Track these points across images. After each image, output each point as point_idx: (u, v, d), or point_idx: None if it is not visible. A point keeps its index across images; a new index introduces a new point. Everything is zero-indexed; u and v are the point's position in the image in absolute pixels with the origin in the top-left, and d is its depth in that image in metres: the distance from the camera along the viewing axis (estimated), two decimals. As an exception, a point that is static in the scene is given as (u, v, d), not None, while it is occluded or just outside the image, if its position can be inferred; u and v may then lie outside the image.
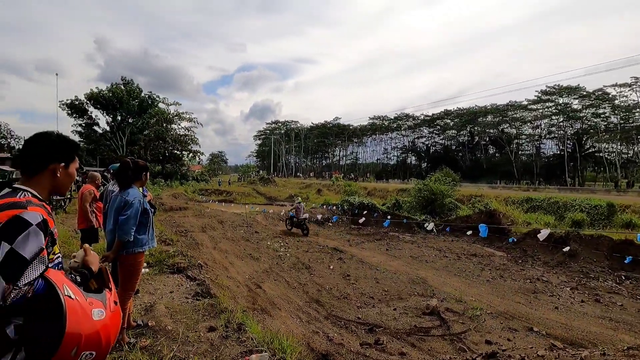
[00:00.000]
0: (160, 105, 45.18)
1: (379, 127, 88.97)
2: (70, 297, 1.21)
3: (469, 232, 12.20)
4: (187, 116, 45.97)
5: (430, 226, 13.32)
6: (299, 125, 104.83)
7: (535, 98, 56.59)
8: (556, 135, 58.84)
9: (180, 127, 45.63)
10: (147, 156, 38.86)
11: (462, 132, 75.19)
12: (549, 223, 13.07)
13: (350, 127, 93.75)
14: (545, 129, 60.89)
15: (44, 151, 1.38)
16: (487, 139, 71.09)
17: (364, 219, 15.65)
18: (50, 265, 1.30)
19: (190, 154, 47.16)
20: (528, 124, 62.76)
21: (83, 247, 1.53)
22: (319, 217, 17.04)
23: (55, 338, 1.16)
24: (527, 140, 65.17)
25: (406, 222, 15.06)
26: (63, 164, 1.42)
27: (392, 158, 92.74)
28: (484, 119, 68.20)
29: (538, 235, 9.40)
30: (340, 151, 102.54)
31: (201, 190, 36.14)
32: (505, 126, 65.72)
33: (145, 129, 42.34)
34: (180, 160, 45.49)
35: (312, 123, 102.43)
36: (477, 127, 70.62)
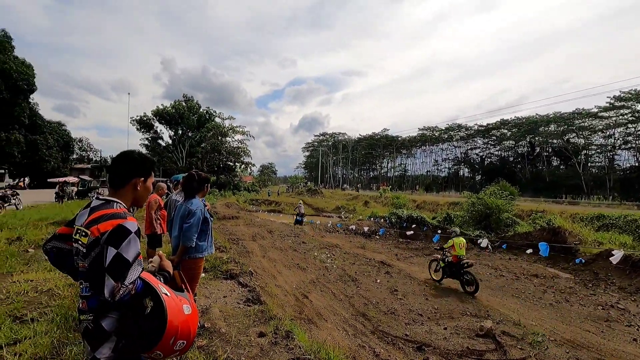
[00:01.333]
0: (217, 119, 48.22)
1: (428, 138, 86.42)
2: (167, 294, 1.42)
3: (529, 251, 11.30)
4: (240, 129, 48.38)
5: (484, 243, 12.55)
6: (346, 137, 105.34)
7: (607, 105, 51.36)
8: (634, 145, 52.70)
9: (233, 139, 48.15)
10: (204, 167, 41.49)
11: (520, 143, 70.28)
12: (625, 243, 11.67)
13: (399, 138, 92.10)
14: (620, 139, 54.81)
15: (127, 168, 1.61)
16: (550, 149, 65.60)
17: (412, 232, 15.20)
18: None
19: (243, 166, 49.40)
20: (599, 133, 56.91)
21: (158, 253, 1.78)
22: (366, 229, 16.87)
23: (159, 330, 1.35)
24: (598, 150, 59.03)
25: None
26: (142, 178, 1.64)
27: (443, 170, 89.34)
28: (546, 129, 63.11)
29: (611, 258, 8.45)
30: (388, 163, 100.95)
31: (252, 200, 37.60)
32: (572, 136, 60.21)
33: (202, 141, 45.36)
34: (234, 171, 47.86)
35: (359, 135, 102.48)
36: (538, 137, 65.51)
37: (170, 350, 1.40)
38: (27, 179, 36.57)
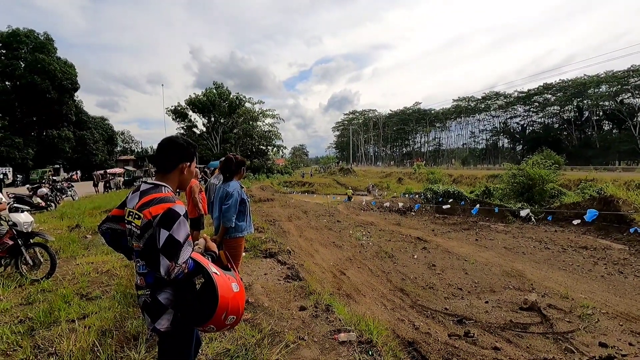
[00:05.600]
0: (247, 104, 48.85)
1: (464, 109, 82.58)
2: (216, 273, 1.53)
3: (576, 222, 10.66)
4: (270, 113, 48.88)
5: (524, 212, 11.96)
6: (377, 113, 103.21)
7: (670, 58, 45.97)
8: (701, 102, 47.21)
9: (264, 123, 48.81)
10: (238, 152, 42.53)
11: (566, 108, 65.17)
12: (689, 211, 10.68)
13: (432, 112, 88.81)
14: (685, 96, 49.27)
15: (174, 153, 1.67)
16: (601, 113, 60.31)
17: (448, 206, 14.82)
18: None
19: (275, 149, 50.15)
20: (659, 91, 51.38)
21: (202, 236, 1.88)
22: (400, 205, 16.68)
23: (212, 306, 1.45)
24: (658, 111, 53.42)
25: (498, 210, 13.81)
26: (188, 163, 1.71)
27: (480, 142, 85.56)
28: (596, 90, 57.88)
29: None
30: (421, 137, 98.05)
31: (285, 182, 38.25)
32: (626, 96, 54.86)
33: (234, 127, 46.38)
34: (266, 155, 48.74)
35: (390, 110, 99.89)
36: (586, 101, 60.39)
37: (222, 325, 1.51)
38: (79, 172, 39.52)
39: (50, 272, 4.71)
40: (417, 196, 19.01)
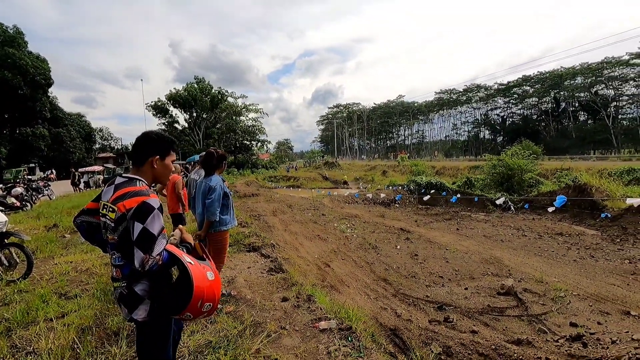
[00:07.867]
0: (229, 99, 48.02)
1: (446, 102, 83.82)
2: (191, 263, 1.55)
3: (551, 209, 11.07)
4: (254, 107, 48.24)
5: (500, 200, 12.34)
6: (360, 107, 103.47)
7: (640, 50, 47.77)
8: (670, 93, 49.29)
9: (248, 118, 48.16)
10: (221, 148, 41.92)
11: (544, 99, 66.92)
12: (657, 196, 11.21)
13: (415, 104, 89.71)
14: (655, 86, 51.31)
15: (145, 147, 1.70)
16: (577, 104, 62.26)
17: (429, 196, 15.11)
18: None
19: (259, 144, 49.59)
20: (630, 82, 53.29)
21: (178, 227, 1.90)
22: (382, 196, 16.89)
23: (188, 294, 1.48)
24: (630, 101, 55.55)
25: (477, 200, 14.17)
26: (158, 156, 1.72)
27: (462, 134, 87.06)
28: (572, 82, 59.63)
29: (629, 201, 8.24)
30: (405, 130, 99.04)
31: (270, 177, 38.05)
32: (600, 87, 56.77)
33: (217, 122, 45.62)
34: (250, 150, 48.17)
35: (374, 103, 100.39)
36: (563, 92, 62.20)
37: (199, 312, 1.54)
38: (54, 171, 38.25)
39: (27, 272, 4.60)
40: (400, 188, 19.28)
